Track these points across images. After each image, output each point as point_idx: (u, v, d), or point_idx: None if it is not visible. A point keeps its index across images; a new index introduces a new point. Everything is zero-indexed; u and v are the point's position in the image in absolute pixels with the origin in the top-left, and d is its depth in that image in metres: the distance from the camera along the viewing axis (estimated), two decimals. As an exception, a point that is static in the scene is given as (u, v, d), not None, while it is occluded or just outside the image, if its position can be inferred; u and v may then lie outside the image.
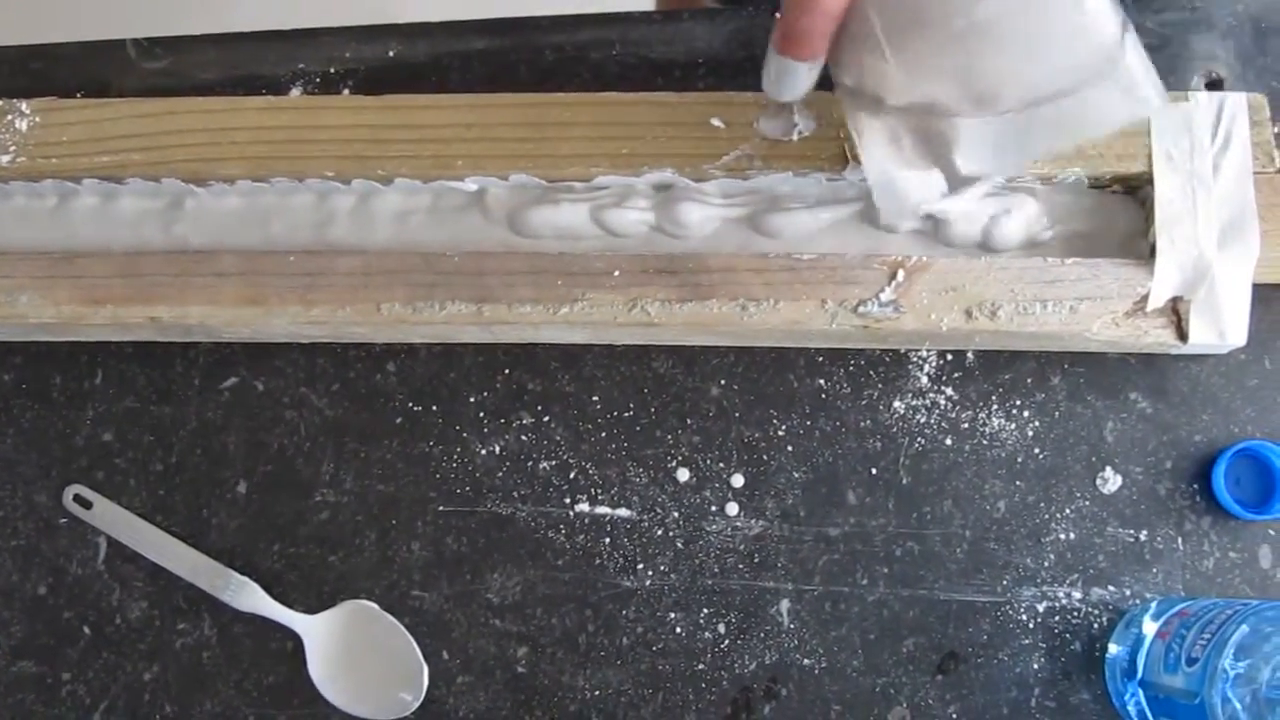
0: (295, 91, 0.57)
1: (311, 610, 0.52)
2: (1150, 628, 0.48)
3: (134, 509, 0.53)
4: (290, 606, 0.52)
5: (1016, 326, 0.49)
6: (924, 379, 0.53)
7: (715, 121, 0.52)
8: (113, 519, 0.53)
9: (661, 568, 0.52)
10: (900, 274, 0.50)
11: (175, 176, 0.53)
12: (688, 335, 0.52)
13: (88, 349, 0.55)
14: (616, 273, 0.51)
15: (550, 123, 0.52)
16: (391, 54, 0.57)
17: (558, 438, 0.53)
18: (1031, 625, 0.50)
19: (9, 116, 0.54)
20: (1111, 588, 0.50)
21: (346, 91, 0.57)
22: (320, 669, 0.51)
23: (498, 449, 0.53)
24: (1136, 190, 0.52)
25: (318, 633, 0.51)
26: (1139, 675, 0.47)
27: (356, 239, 0.53)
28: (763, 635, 0.51)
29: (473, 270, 0.51)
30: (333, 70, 0.57)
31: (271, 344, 0.54)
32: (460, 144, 0.52)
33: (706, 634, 0.51)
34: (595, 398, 0.53)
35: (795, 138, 0.51)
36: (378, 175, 0.53)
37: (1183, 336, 0.49)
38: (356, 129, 0.53)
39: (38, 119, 0.54)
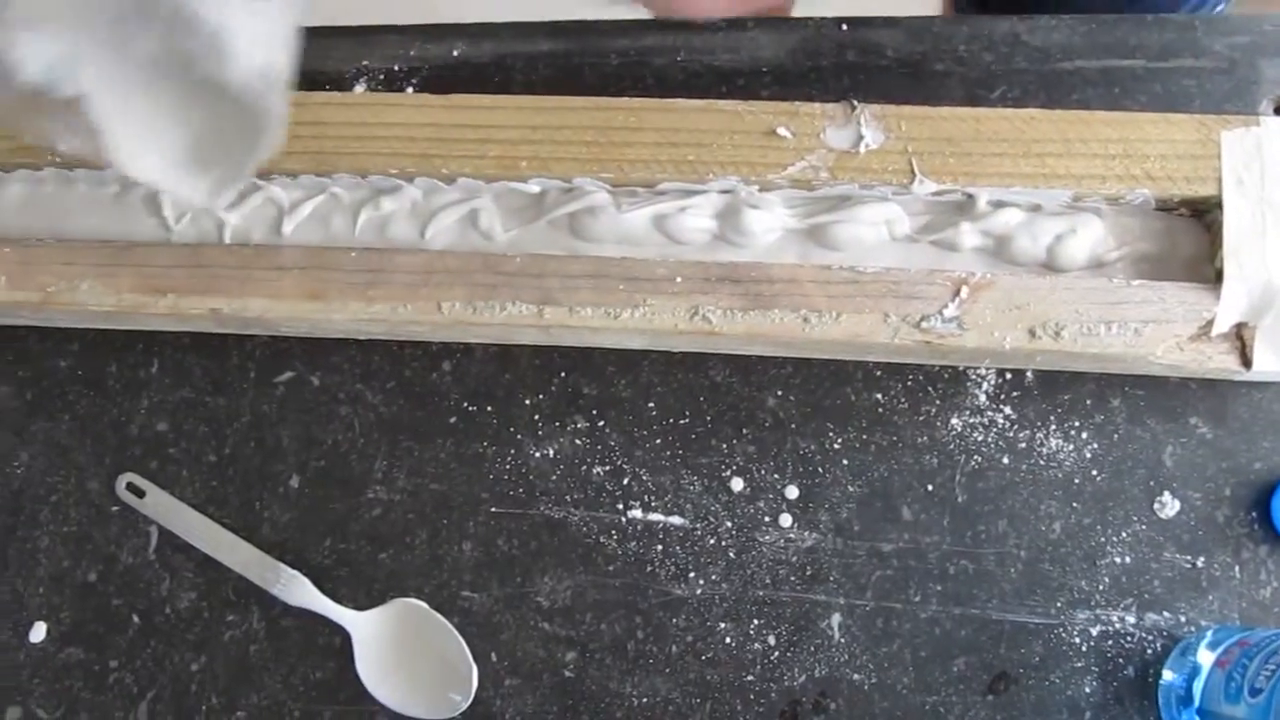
0: (359, 88, 0.57)
1: (360, 607, 0.52)
2: (1206, 656, 0.47)
3: (186, 499, 0.54)
4: (340, 603, 0.51)
5: (1080, 347, 0.49)
6: (982, 397, 0.52)
7: (782, 131, 0.51)
8: (165, 508, 0.53)
9: (713, 577, 0.51)
10: (964, 290, 0.50)
11: (239, 169, 0.53)
12: (747, 345, 0.52)
13: (144, 338, 0.55)
14: (678, 279, 0.51)
15: (616, 127, 0.52)
16: (456, 54, 0.57)
17: (612, 443, 0.53)
18: (1084, 648, 0.50)
19: (77, 104, 0.54)
20: (1166, 613, 0.50)
21: (410, 90, 0.57)
22: (368, 666, 0.51)
23: (551, 452, 0.53)
24: (1204, 214, 0.52)
25: (367, 629, 0.51)
26: (1196, 704, 0.46)
27: (416, 238, 0.53)
28: (813, 649, 0.51)
29: (534, 272, 0.51)
30: (397, 68, 0.57)
31: (327, 339, 0.55)
32: (526, 145, 0.52)
33: (756, 645, 0.51)
34: (651, 404, 0.53)
35: (862, 149, 0.51)
36: (441, 174, 0.53)
37: (1246, 363, 0.49)
38: (421, 127, 0.53)
39: (104, 107, 0.54)
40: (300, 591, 0.51)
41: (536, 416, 0.53)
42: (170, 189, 0.41)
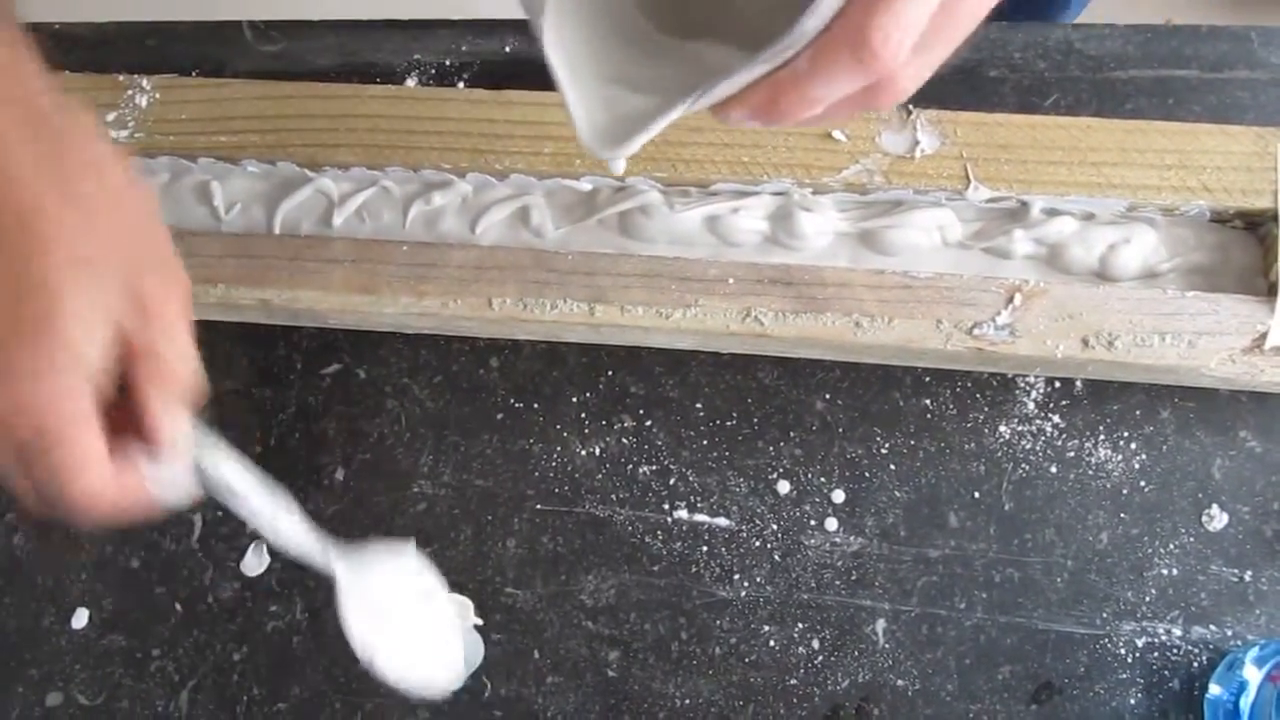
0: (410, 82, 0.57)
1: (404, 601, 0.51)
2: (1253, 671, 0.47)
3: (230, 489, 0.53)
4: (383, 596, 0.51)
5: (1133, 358, 0.49)
6: (1031, 405, 0.52)
7: (837, 134, 0.51)
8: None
9: (758, 579, 0.51)
10: (1017, 298, 0.50)
11: (292, 160, 0.53)
12: (797, 348, 0.52)
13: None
14: (730, 280, 0.50)
15: (671, 127, 0.52)
16: (508, 49, 0.57)
17: (659, 442, 0.53)
18: (1130, 660, 0.50)
19: (130, 91, 0.54)
20: (1213, 627, 0.50)
21: (461, 84, 0.57)
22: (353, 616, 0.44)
23: (598, 450, 0.53)
24: (1258, 226, 0.51)
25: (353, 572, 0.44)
26: (1244, 719, 0.46)
27: (466, 233, 0.53)
28: (857, 653, 0.50)
29: (585, 270, 0.51)
30: (448, 63, 0.57)
31: (375, 333, 0.54)
32: (578, 143, 0.52)
33: (800, 649, 0.51)
34: (698, 405, 0.53)
35: (917, 155, 0.51)
36: (493, 170, 0.53)
37: (1299, 377, 0.49)
38: (475, 122, 0.53)
39: (157, 95, 0.54)
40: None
41: (583, 415, 0.53)
42: None
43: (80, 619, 0.53)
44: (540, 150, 0.52)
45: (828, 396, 0.53)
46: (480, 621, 0.51)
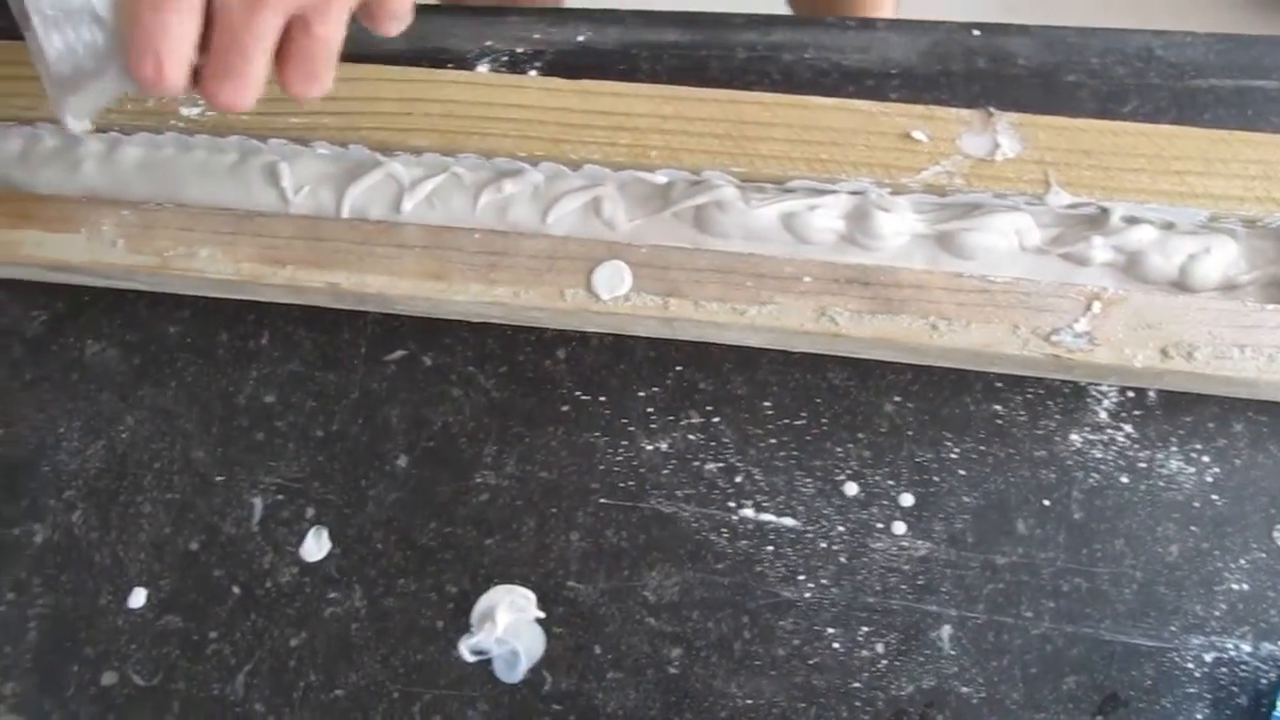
0: (482, 69, 0.57)
1: (465, 592, 0.51)
2: (1324, 689, 0.47)
3: (290, 474, 0.53)
4: (442, 588, 0.51)
5: (1212, 370, 0.48)
6: (1103, 414, 0.52)
7: (918, 134, 0.51)
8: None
9: (823, 581, 0.51)
10: (1096, 305, 0.49)
11: (364, 144, 0.53)
12: (870, 349, 0.51)
13: (255, 308, 0.55)
14: (806, 279, 0.50)
15: (748, 121, 0.52)
16: (581, 39, 0.57)
17: (726, 440, 0.52)
18: (1198, 674, 0.49)
19: (202, 69, 0.54)
20: (1282, 644, 0.49)
21: (533, 73, 0.56)
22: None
23: (664, 446, 0.52)
24: (1340, 241, 0.51)
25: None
26: (1318, 737, 0.46)
27: (537, 223, 0.53)
28: (922, 659, 0.50)
29: (659, 264, 0.51)
30: (520, 50, 0.57)
31: (440, 320, 0.54)
32: (656, 135, 0.52)
33: (864, 652, 0.50)
34: (767, 403, 0.53)
35: (998, 158, 0.50)
36: (569, 160, 0.52)
37: (1377, 395, 0.48)
38: (551, 111, 0.52)
39: (230, 74, 0.54)
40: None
41: (650, 409, 0.53)
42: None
43: (137, 598, 0.52)
44: (616, 141, 0.51)
45: (897, 399, 0.52)
46: (542, 615, 0.51)
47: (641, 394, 0.53)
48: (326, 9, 0.41)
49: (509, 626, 0.50)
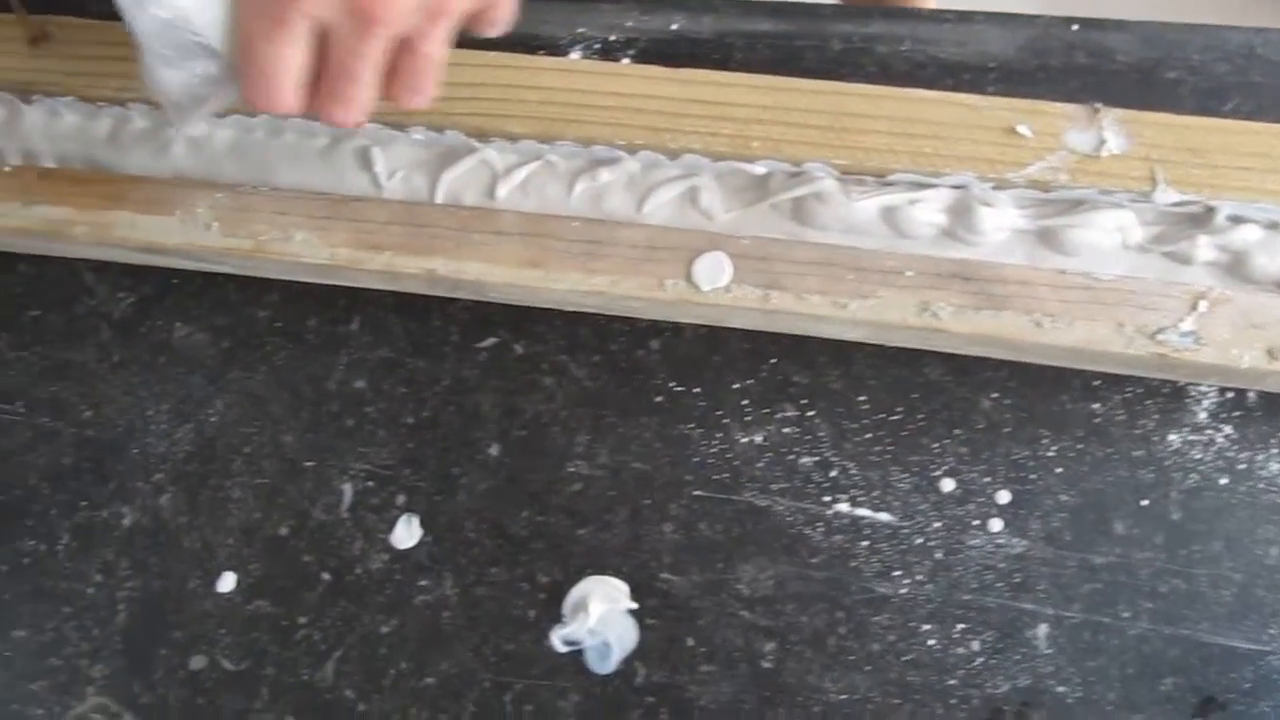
0: (574, 55, 0.56)
1: (556, 581, 0.51)
2: None
3: (380, 461, 0.53)
4: (534, 577, 0.51)
5: (1319, 372, 0.48)
6: (1202, 414, 0.51)
7: (1022, 129, 0.50)
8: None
9: (918, 577, 0.50)
10: (1202, 304, 0.49)
11: (459, 130, 0.53)
12: (971, 345, 0.51)
13: (346, 294, 0.55)
14: (908, 273, 0.50)
15: (849, 113, 0.51)
16: (675, 27, 0.56)
17: (821, 434, 0.52)
18: (1296, 678, 0.49)
19: (298, 53, 0.53)
20: (1382, 649, 0.49)
21: (626, 61, 0.56)
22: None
23: (759, 438, 0.52)
24: None
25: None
26: None
27: (632, 212, 0.52)
28: (1018, 658, 0.50)
29: (760, 255, 0.50)
30: (613, 38, 0.56)
31: (533, 308, 0.54)
32: (757, 125, 0.51)
33: (960, 650, 0.50)
34: (863, 397, 0.52)
35: (1103, 154, 0.50)
36: (668, 149, 0.52)
37: None
38: (649, 99, 0.52)
39: (325, 58, 0.53)
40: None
41: (745, 401, 0.52)
42: None
43: (226, 583, 0.52)
44: (718, 131, 0.51)
45: (995, 395, 0.52)
46: (635, 606, 0.50)
47: (736, 386, 0.53)
48: (432, 29, 0.42)
49: (601, 617, 0.50)
